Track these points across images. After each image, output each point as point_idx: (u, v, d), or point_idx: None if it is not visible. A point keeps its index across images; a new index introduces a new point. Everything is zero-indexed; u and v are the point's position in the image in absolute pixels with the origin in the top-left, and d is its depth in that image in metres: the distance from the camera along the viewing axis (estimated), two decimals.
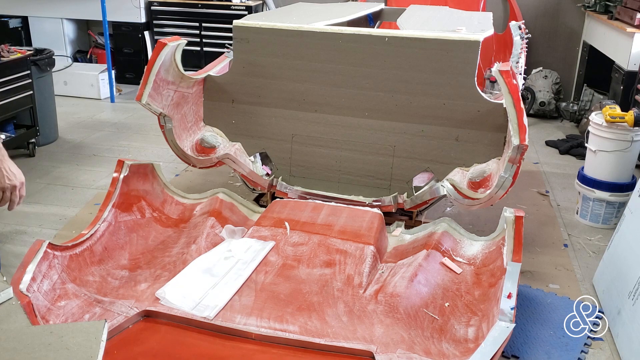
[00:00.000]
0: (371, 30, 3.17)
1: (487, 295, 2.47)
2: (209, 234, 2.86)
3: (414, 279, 2.51)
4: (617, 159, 3.36)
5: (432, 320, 2.36)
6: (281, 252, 2.75)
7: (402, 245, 2.95)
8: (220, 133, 3.44)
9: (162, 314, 2.31)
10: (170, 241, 2.92)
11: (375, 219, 2.99)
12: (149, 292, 2.43)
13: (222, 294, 2.43)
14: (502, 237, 2.63)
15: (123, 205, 2.90)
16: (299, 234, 2.85)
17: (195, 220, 3.07)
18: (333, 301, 2.43)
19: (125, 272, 2.63)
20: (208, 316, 2.29)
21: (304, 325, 2.28)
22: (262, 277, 2.58)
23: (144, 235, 2.91)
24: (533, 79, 5.70)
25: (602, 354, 2.41)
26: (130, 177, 2.95)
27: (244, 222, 3.10)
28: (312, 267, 2.65)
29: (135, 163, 2.99)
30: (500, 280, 2.38)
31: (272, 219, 2.99)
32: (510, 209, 2.60)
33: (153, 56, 3.03)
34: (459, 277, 2.63)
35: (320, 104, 3.24)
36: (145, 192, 3.07)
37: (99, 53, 6.52)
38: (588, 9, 5.50)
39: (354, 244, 2.75)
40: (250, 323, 2.27)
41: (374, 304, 2.42)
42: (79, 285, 2.41)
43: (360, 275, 2.57)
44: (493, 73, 2.83)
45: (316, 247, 2.76)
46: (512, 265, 2.39)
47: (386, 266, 2.72)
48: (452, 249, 2.80)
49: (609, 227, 3.43)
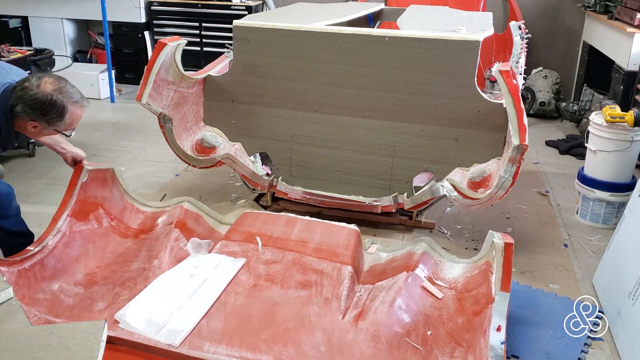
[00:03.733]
0: (371, 30, 3.17)
1: (471, 324, 2.33)
2: (172, 248, 2.67)
3: (395, 304, 2.36)
4: (617, 159, 3.36)
5: (415, 351, 2.20)
6: (253, 271, 2.57)
7: (379, 265, 2.80)
8: (220, 133, 3.44)
9: (122, 340, 2.12)
10: (130, 254, 2.73)
11: (352, 236, 2.81)
12: (107, 313, 2.26)
13: (189, 317, 2.24)
14: (485, 261, 2.52)
15: (79, 214, 2.69)
16: (272, 251, 2.67)
17: (157, 231, 2.88)
18: (310, 328, 2.26)
19: (80, 288, 2.44)
20: (173, 343, 2.11)
21: (279, 355, 2.12)
22: (233, 299, 2.38)
23: (101, 247, 2.70)
24: (533, 79, 5.70)
25: (602, 354, 2.41)
26: (88, 183, 2.75)
27: (210, 234, 2.94)
28: (287, 288, 2.47)
29: (95, 168, 2.81)
30: (486, 309, 2.27)
31: (242, 233, 2.80)
32: (497, 233, 2.43)
33: (153, 56, 3.03)
34: (441, 303, 2.48)
35: (320, 104, 3.24)
36: (104, 199, 2.87)
37: (99, 53, 6.52)
38: (588, 9, 5.50)
39: (331, 264, 2.58)
40: (220, 352, 2.11)
41: (354, 332, 2.25)
42: (27, 304, 2.21)
43: (339, 298, 2.41)
44: (493, 73, 2.83)
45: (290, 265, 2.59)
46: (501, 296, 2.24)
47: (364, 288, 2.56)
48: (432, 272, 2.65)
49: (609, 227, 3.43)
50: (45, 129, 2.33)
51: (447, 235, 3.34)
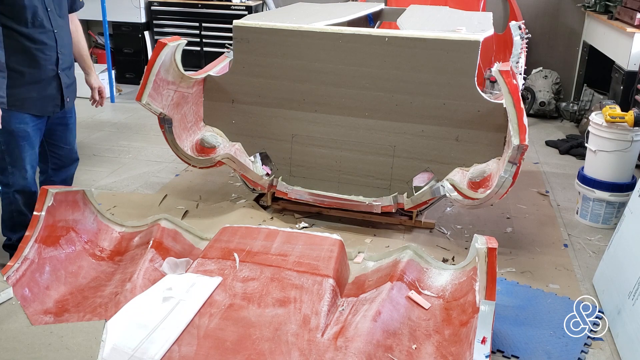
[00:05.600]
0: (371, 30, 3.17)
1: (458, 336, 2.23)
2: (147, 270, 2.56)
3: (378, 318, 2.23)
4: (617, 159, 3.36)
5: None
6: (229, 290, 2.43)
7: (365, 275, 2.70)
8: (220, 133, 3.44)
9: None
10: (104, 278, 2.63)
11: (335, 246, 2.69)
12: None
13: (160, 342, 2.12)
14: (472, 267, 2.42)
15: (48, 239, 2.58)
16: (250, 267, 2.55)
17: (133, 252, 2.78)
18: (287, 348, 2.15)
19: (50, 317, 2.33)
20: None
21: None
22: (206, 321, 2.25)
23: (74, 272, 2.59)
24: (533, 79, 5.70)
25: (602, 354, 2.41)
26: (56, 207, 2.64)
27: (189, 252, 2.83)
28: (264, 307, 2.34)
29: (62, 191, 2.69)
30: (473, 319, 2.17)
31: (220, 249, 2.68)
32: (482, 237, 2.32)
33: (153, 56, 3.03)
34: (427, 313, 2.37)
35: (320, 104, 3.24)
36: (75, 222, 2.76)
37: (99, 53, 6.52)
38: (588, 9, 5.50)
39: (311, 277, 2.47)
40: None
41: (332, 351, 2.13)
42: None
43: (318, 315, 2.28)
44: (493, 73, 2.83)
45: (268, 282, 2.47)
46: (486, 304, 2.13)
47: (347, 301, 2.45)
48: (418, 280, 2.55)
49: (609, 227, 3.43)
50: None
51: (447, 235, 3.34)
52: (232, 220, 3.40)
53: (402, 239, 3.27)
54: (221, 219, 3.42)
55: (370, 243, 3.22)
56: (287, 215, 3.49)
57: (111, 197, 3.72)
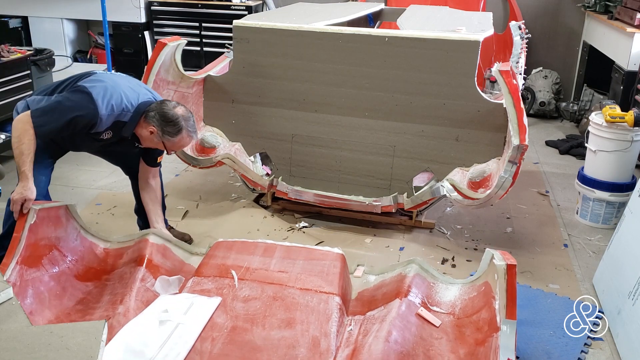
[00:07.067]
0: (371, 30, 3.17)
1: (475, 356, 2.10)
2: (139, 290, 2.38)
3: (390, 337, 2.10)
4: (617, 159, 3.36)
5: None
6: (230, 311, 2.27)
7: (368, 290, 2.55)
8: (220, 133, 3.44)
9: None
10: (92, 299, 2.44)
11: (337, 261, 2.55)
12: None
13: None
14: (484, 281, 2.32)
15: (30, 259, 2.37)
16: (250, 285, 2.39)
17: (121, 270, 2.59)
18: None
19: None
20: None
21: None
22: (209, 346, 2.10)
23: (58, 294, 2.39)
24: (533, 79, 5.70)
25: (602, 354, 2.41)
26: (38, 224, 2.42)
27: (179, 269, 2.64)
28: (269, 329, 2.19)
29: (45, 207, 2.48)
30: (491, 338, 2.06)
31: (216, 266, 2.51)
32: (497, 253, 2.22)
33: (153, 56, 3.03)
34: (439, 331, 2.24)
35: (320, 104, 3.24)
36: (58, 239, 2.56)
37: (99, 53, 6.52)
38: (588, 9, 5.50)
39: (316, 295, 2.33)
40: None
41: None
42: None
43: (327, 337, 2.14)
44: (493, 73, 2.84)
45: (271, 301, 2.32)
46: (507, 324, 2.03)
47: (354, 320, 2.31)
48: (426, 296, 2.41)
49: (609, 227, 3.43)
50: (156, 138, 2.60)
51: (447, 235, 3.34)
52: (232, 220, 3.40)
53: (402, 239, 3.27)
54: (221, 219, 3.42)
55: (370, 243, 3.22)
56: (287, 215, 3.49)
57: (111, 197, 3.72)
